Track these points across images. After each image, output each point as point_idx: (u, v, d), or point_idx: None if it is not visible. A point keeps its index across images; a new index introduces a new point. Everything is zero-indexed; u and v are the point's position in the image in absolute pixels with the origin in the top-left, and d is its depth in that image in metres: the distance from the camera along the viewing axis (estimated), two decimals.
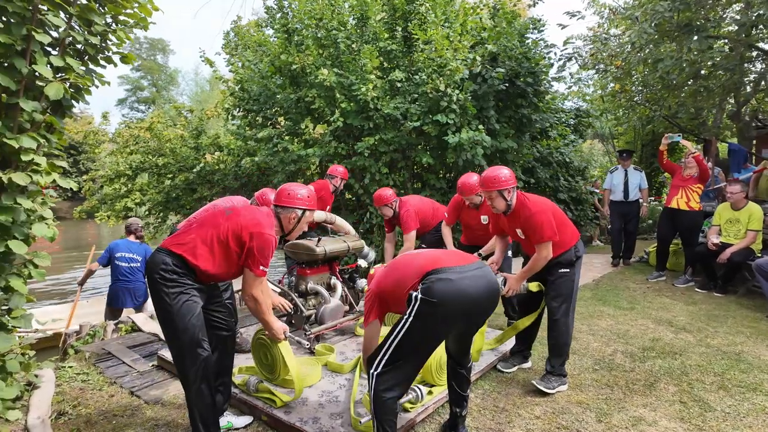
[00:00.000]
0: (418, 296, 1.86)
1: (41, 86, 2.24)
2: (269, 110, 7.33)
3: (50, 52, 2.34)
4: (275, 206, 2.33)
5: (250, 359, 2.95)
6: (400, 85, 6.04)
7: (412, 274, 1.95)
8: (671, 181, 5.56)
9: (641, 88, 8.59)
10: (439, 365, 2.60)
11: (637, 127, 10.60)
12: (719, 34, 6.45)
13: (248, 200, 3.07)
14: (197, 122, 9.05)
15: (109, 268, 4.88)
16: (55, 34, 2.34)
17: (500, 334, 3.20)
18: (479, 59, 5.98)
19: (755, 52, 6.67)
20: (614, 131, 13.47)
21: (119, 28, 2.57)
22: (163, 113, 10.17)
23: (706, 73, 6.77)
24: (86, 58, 2.49)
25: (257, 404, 2.46)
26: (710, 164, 6.11)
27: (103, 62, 2.60)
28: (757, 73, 7.12)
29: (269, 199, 2.95)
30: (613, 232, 6.68)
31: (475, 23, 6.88)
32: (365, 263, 4.09)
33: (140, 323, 4.07)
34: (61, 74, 2.35)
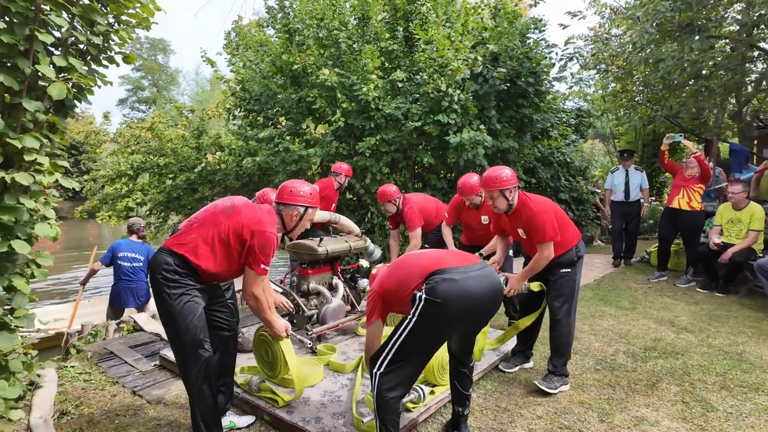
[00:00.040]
0: (422, 296, 1.86)
1: (44, 86, 2.24)
2: (270, 110, 7.33)
3: (53, 52, 2.34)
4: (277, 203, 2.32)
5: (252, 359, 2.96)
6: (401, 85, 6.04)
7: (415, 274, 1.95)
8: (673, 181, 5.56)
9: (642, 88, 8.59)
10: (441, 365, 2.60)
11: (638, 127, 10.59)
12: (720, 34, 6.44)
13: (249, 200, 3.07)
14: (198, 122, 9.05)
15: (111, 267, 4.89)
16: (57, 34, 2.33)
17: (502, 334, 3.20)
18: (480, 59, 5.98)
19: (756, 51, 6.67)
20: (615, 131, 13.47)
21: (121, 28, 2.57)
22: (164, 113, 10.17)
23: (707, 72, 6.76)
24: (88, 58, 2.49)
25: (259, 404, 2.47)
26: (711, 164, 6.10)
27: (105, 62, 2.60)
28: (758, 73, 7.11)
29: (270, 198, 2.94)
30: (613, 232, 6.68)
31: (476, 23, 6.88)
32: (367, 263, 4.09)
33: (142, 323, 4.07)
34: (63, 74, 2.35)
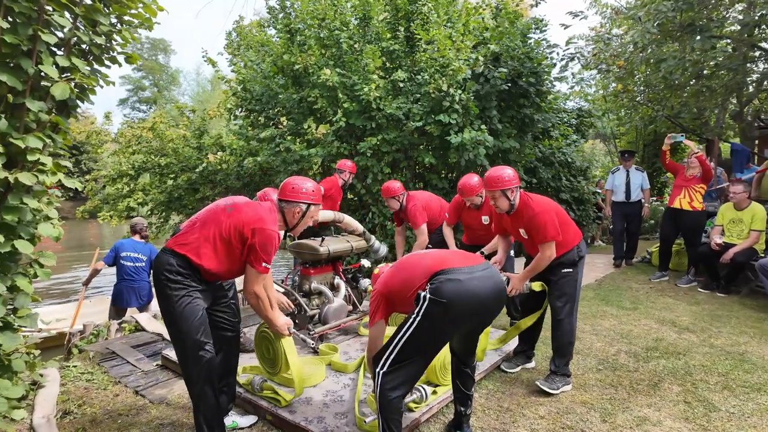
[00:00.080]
0: (426, 296, 1.86)
1: (47, 86, 2.24)
2: (272, 110, 7.33)
3: (56, 52, 2.34)
4: (279, 200, 2.30)
5: (254, 359, 2.96)
6: (402, 85, 6.05)
7: (419, 274, 1.95)
8: (674, 181, 5.56)
9: (643, 88, 8.58)
10: (443, 365, 2.60)
11: (639, 127, 10.59)
12: (722, 34, 6.44)
13: (250, 200, 3.07)
14: (199, 122, 9.05)
15: (113, 267, 4.90)
16: (60, 34, 2.34)
17: (503, 334, 3.20)
18: (482, 59, 5.98)
19: (758, 51, 6.66)
20: (616, 131, 13.47)
21: (124, 28, 2.57)
22: (165, 113, 10.17)
23: (708, 72, 6.76)
24: (91, 58, 2.49)
25: (262, 404, 2.47)
26: (713, 164, 6.10)
27: (107, 62, 2.61)
28: (759, 73, 7.10)
29: (272, 198, 2.94)
30: (614, 233, 6.67)
31: (477, 23, 6.89)
32: (368, 263, 4.09)
33: (144, 323, 4.07)
34: (66, 74, 2.36)
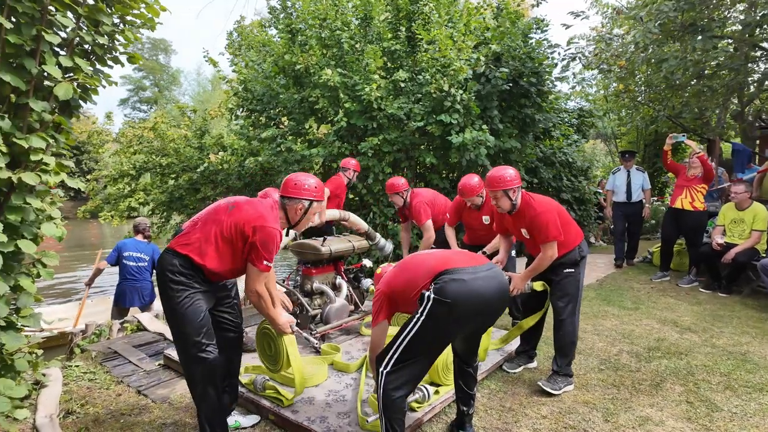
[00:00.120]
0: (430, 296, 1.86)
1: (50, 86, 2.25)
2: (273, 110, 7.33)
3: (59, 52, 2.35)
4: (281, 197, 2.29)
5: (256, 358, 2.96)
6: (403, 85, 6.04)
7: (423, 274, 1.95)
8: (675, 181, 5.55)
9: (644, 88, 8.58)
10: (445, 365, 2.60)
11: (640, 127, 10.59)
12: (723, 33, 6.44)
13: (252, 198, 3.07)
14: (201, 122, 9.06)
15: (116, 267, 4.91)
16: (63, 34, 2.34)
17: (505, 334, 3.20)
18: (483, 59, 5.97)
19: (759, 51, 6.66)
20: (617, 131, 13.47)
21: (127, 28, 2.58)
22: (166, 113, 10.17)
23: (709, 72, 6.76)
24: (93, 58, 2.50)
25: (264, 403, 2.47)
26: (714, 164, 6.10)
27: (110, 62, 2.61)
28: (760, 72, 7.10)
29: (273, 198, 2.94)
30: (615, 233, 6.65)
31: (478, 23, 6.88)
32: (370, 263, 4.09)
33: (145, 322, 4.07)
34: (69, 74, 2.36)
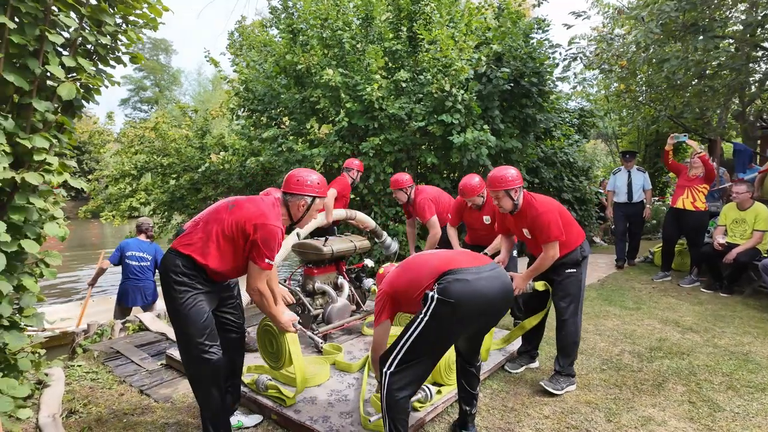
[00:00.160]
0: (434, 296, 1.86)
1: (53, 86, 2.26)
2: (274, 110, 7.34)
3: (62, 52, 2.35)
4: (284, 193, 2.26)
5: (258, 358, 2.96)
6: (405, 85, 6.05)
7: (426, 274, 1.95)
8: (677, 181, 5.55)
9: (646, 88, 8.58)
10: (447, 365, 2.60)
11: (641, 127, 10.58)
12: (725, 34, 6.43)
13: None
14: (202, 122, 9.07)
15: (118, 266, 4.92)
16: (66, 34, 2.35)
17: (507, 334, 3.20)
18: (484, 59, 5.98)
19: (760, 51, 6.65)
20: (618, 131, 13.45)
21: (129, 28, 2.59)
22: (167, 113, 10.18)
23: (711, 72, 6.75)
24: (96, 58, 2.50)
25: (267, 403, 2.47)
26: (715, 164, 6.10)
27: (112, 62, 2.62)
28: (762, 72, 7.09)
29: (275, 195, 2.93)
30: (616, 234, 6.64)
31: (479, 23, 6.89)
32: (371, 263, 4.10)
33: (147, 322, 4.08)
34: (72, 74, 2.36)
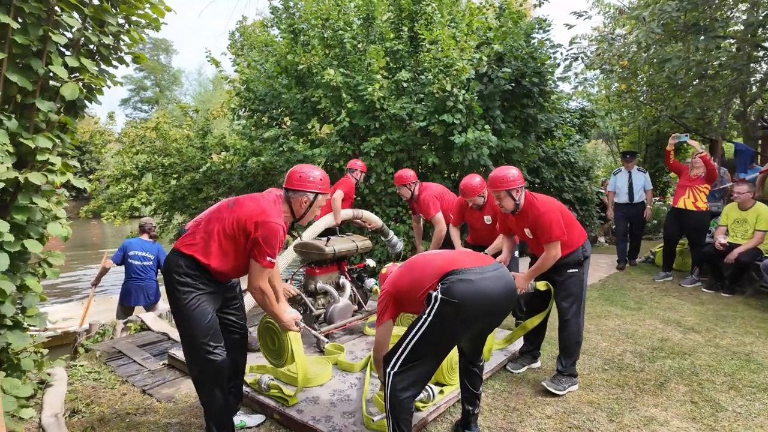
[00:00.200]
0: (438, 296, 1.86)
1: (56, 86, 2.26)
2: (275, 110, 7.34)
3: (65, 52, 2.35)
4: (286, 189, 2.23)
5: (260, 358, 2.96)
6: (406, 85, 6.05)
7: (430, 274, 1.95)
8: (678, 181, 5.55)
9: (647, 88, 8.57)
10: (450, 365, 2.60)
11: (642, 127, 10.58)
12: (726, 34, 6.43)
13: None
14: (203, 122, 9.07)
15: (121, 266, 4.93)
16: (69, 34, 2.35)
17: (509, 334, 3.20)
18: (485, 59, 5.98)
19: (762, 51, 6.65)
20: (619, 131, 13.45)
21: (132, 28, 2.59)
22: (167, 113, 10.18)
23: (712, 72, 6.75)
24: (98, 58, 2.51)
25: (269, 403, 2.48)
26: (716, 164, 6.09)
27: (115, 62, 2.62)
28: (763, 73, 7.09)
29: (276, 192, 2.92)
30: (618, 234, 6.63)
31: (481, 23, 6.89)
32: (373, 262, 4.10)
33: (149, 322, 4.08)
34: (75, 74, 2.37)
